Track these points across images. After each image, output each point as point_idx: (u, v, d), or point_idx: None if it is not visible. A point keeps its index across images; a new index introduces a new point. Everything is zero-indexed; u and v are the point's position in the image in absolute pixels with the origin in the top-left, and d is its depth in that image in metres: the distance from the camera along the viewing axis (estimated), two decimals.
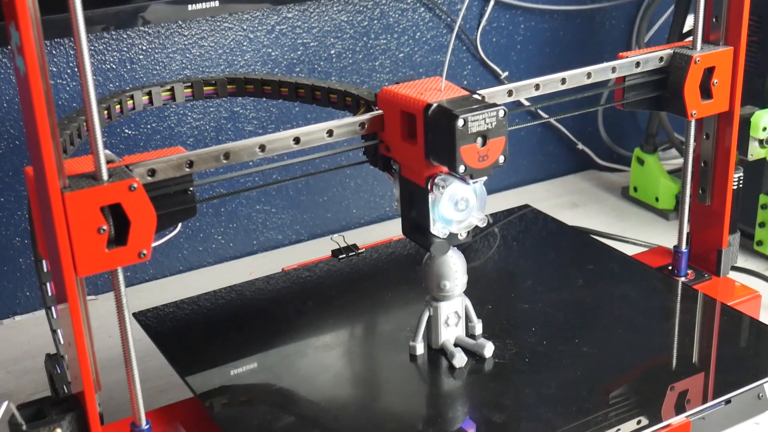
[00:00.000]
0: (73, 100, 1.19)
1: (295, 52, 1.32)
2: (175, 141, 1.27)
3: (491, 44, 1.47)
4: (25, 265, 1.23)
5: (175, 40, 1.23)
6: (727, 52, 1.02)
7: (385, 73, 1.40)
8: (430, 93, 0.83)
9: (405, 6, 1.38)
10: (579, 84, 0.96)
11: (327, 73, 1.35)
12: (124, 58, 1.21)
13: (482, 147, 0.80)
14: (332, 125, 0.85)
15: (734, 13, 1.02)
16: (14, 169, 1.19)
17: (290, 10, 1.29)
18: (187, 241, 1.33)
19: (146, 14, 1.12)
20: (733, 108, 1.05)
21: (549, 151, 1.61)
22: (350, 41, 1.35)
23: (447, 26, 1.42)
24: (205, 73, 1.26)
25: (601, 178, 1.62)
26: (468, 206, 0.84)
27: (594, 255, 1.16)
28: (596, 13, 1.55)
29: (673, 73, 1.01)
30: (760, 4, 1.21)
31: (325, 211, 1.42)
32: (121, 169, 0.74)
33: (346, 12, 1.34)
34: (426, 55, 1.42)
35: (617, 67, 0.98)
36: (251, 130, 1.32)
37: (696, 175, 1.11)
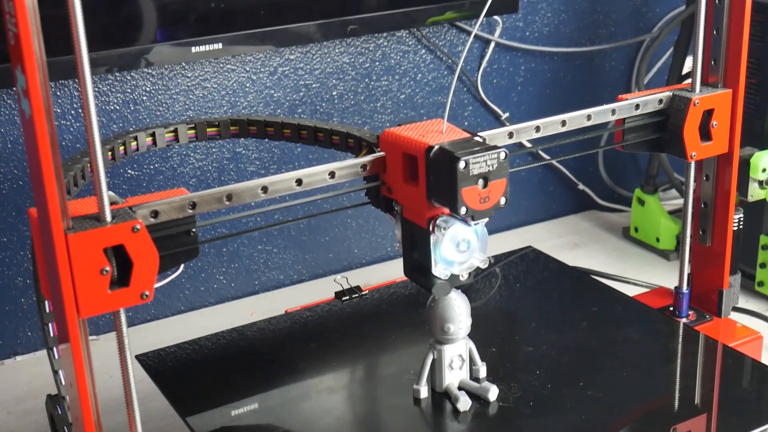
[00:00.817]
0: (77, 140, 1.20)
1: (297, 93, 1.33)
2: (177, 181, 1.28)
3: (492, 86, 1.48)
4: (26, 304, 1.23)
5: (179, 81, 1.24)
6: (725, 94, 1.03)
7: (386, 114, 1.41)
8: (431, 135, 0.84)
9: (406, 48, 1.39)
10: (579, 126, 0.97)
11: (329, 114, 1.36)
12: (127, 99, 1.22)
13: (483, 189, 0.80)
14: (334, 167, 0.86)
15: (732, 56, 1.03)
16: (17, 209, 1.19)
17: (293, 52, 1.30)
18: (188, 281, 1.33)
19: (150, 56, 1.13)
20: (732, 149, 1.05)
21: (550, 191, 1.62)
22: (352, 83, 1.37)
23: (448, 68, 1.43)
24: (208, 114, 1.27)
25: (602, 219, 1.62)
26: (470, 247, 0.84)
27: (596, 296, 1.16)
28: (596, 55, 1.57)
29: (672, 115, 1.02)
30: (758, 47, 1.22)
31: (327, 251, 1.43)
32: (125, 210, 0.75)
33: (348, 54, 1.35)
34: (427, 96, 1.43)
35: (617, 110, 0.99)
36: (253, 171, 1.33)
37: (696, 216, 1.11)
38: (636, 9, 1.57)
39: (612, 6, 1.55)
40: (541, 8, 1.49)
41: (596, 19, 1.54)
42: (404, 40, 1.39)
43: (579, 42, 1.54)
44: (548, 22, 1.50)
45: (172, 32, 1.13)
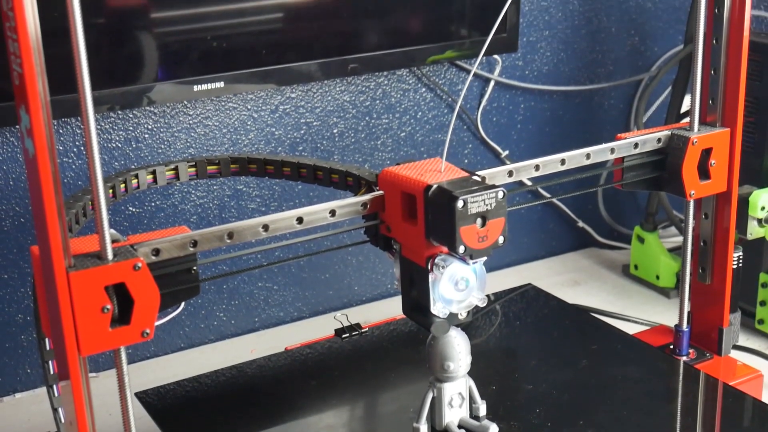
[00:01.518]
0: (79, 178, 1.20)
1: (298, 131, 1.33)
2: (178, 219, 1.28)
3: (492, 124, 1.49)
4: (26, 342, 1.23)
5: (180, 119, 1.25)
6: (723, 133, 1.04)
7: (387, 151, 1.42)
8: (430, 174, 0.84)
9: (407, 86, 1.40)
10: (578, 165, 0.98)
11: (330, 152, 1.37)
12: (129, 137, 1.22)
13: (482, 228, 0.80)
14: (335, 205, 0.86)
15: (730, 96, 1.04)
16: (18, 247, 1.19)
17: (294, 91, 1.31)
18: (188, 318, 1.33)
19: (152, 94, 1.14)
20: (731, 188, 1.06)
21: (550, 228, 1.62)
22: (353, 120, 1.37)
23: (448, 106, 1.44)
24: (209, 152, 1.28)
25: (601, 256, 1.62)
26: (468, 286, 0.84)
27: (596, 334, 1.16)
28: (595, 94, 1.58)
29: (671, 154, 1.03)
30: (756, 86, 1.23)
31: (327, 289, 1.43)
32: (126, 248, 0.75)
33: (348, 92, 1.36)
34: (427, 134, 1.44)
35: (616, 148, 1.00)
36: (254, 208, 1.33)
37: (696, 254, 1.12)
38: (634, 48, 1.59)
39: (610, 45, 1.56)
40: (540, 47, 1.50)
41: (595, 58, 1.56)
42: (405, 79, 1.40)
43: (578, 81, 1.55)
44: (547, 61, 1.51)
45: (174, 71, 1.14)
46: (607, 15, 1.55)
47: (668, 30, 1.61)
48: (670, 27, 1.61)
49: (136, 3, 1.11)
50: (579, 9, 1.52)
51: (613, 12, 1.55)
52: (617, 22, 1.56)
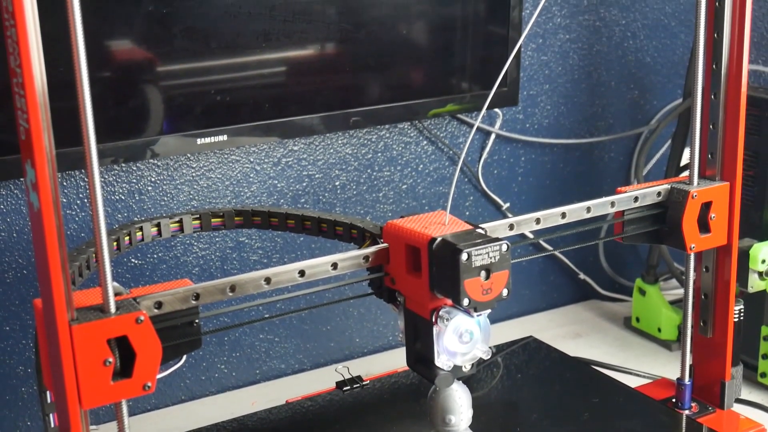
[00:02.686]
0: (82, 230, 1.21)
1: (300, 183, 1.34)
2: (180, 271, 1.28)
3: (492, 176, 1.50)
4: (27, 394, 1.23)
5: (184, 171, 1.26)
6: (723, 187, 1.04)
7: (388, 204, 1.42)
8: (434, 227, 0.85)
9: (408, 139, 1.41)
10: (579, 218, 0.98)
11: (331, 204, 1.37)
12: (133, 189, 1.23)
13: (486, 280, 0.81)
14: (337, 258, 0.86)
15: (729, 150, 1.05)
16: (21, 298, 1.20)
17: (296, 143, 1.32)
18: (189, 370, 1.33)
19: (156, 147, 1.15)
20: (731, 241, 1.06)
21: (551, 280, 1.62)
22: (354, 173, 1.38)
23: (449, 159, 1.45)
24: (211, 204, 1.29)
25: (603, 308, 1.62)
26: (472, 339, 0.85)
27: (598, 387, 1.15)
28: (595, 147, 1.59)
29: (671, 208, 1.03)
30: (755, 140, 1.24)
31: (328, 341, 1.43)
32: (129, 301, 0.76)
33: (350, 145, 1.37)
34: (429, 186, 1.45)
35: (616, 202, 1.00)
36: (256, 260, 1.34)
37: (697, 307, 1.12)
38: (634, 102, 1.60)
39: (610, 99, 1.58)
40: (540, 101, 1.51)
41: (595, 112, 1.57)
42: (406, 132, 1.41)
43: (578, 134, 1.56)
44: (548, 114, 1.53)
45: (178, 124, 1.15)
46: (607, 69, 1.56)
47: (667, 84, 1.62)
48: (669, 81, 1.62)
49: (140, 57, 1.13)
50: (579, 63, 1.53)
51: (612, 66, 1.57)
52: (617, 76, 1.58)
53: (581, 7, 1.51)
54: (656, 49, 1.60)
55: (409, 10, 1.29)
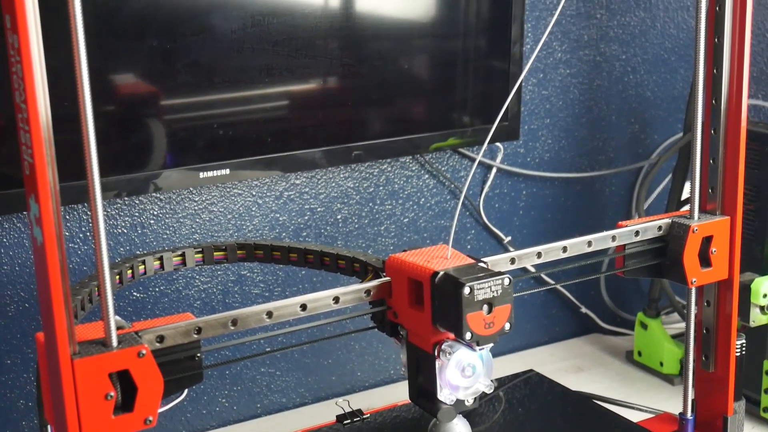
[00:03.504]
0: (84, 263, 1.21)
1: (302, 217, 1.35)
2: (182, 304, 1.28)
3: (494, 210, 1.51)
4: (28, 428, 1.23)
5: (186, 205, 1.26)
6: (724, 221, 1.04)
7: (390, 237, 1.43)
8: (436, 261, 0.85)
9: (410, 173, 1.42)
10: (580, 252, 0.98)
11: (333, 238, 1.38)
12: (135, 222, 1.24)
13: (488, 314, 0.81)
14: (339, 292, 0.87)
15: (729, 184, 1.05)
16: (22, 332, 1.20)
17: (298, 177, 1.33)
18: (190, 404, 1.33)
19: (158, 181, 1.15)
20: (732, 275, 1.06)
21: (552, 314, 1.62)
22: (356, 207, 1.39)
23: (451, 192, 1.46)
24: (214, 238, 1.29)
25: (605, 342, 1.62)
26: (475, 373, 0.85)
27: (600, 422, 1.15)
28: (596, 180, 1.59)
29: (672, 242, 1.03)
30: (755, 174, 1.25)
31: (329, 374, 1.42)
32: (131, 335, 0.76)
33: (352, 179, 1.37)
34: (430, 220, 1.45)
35: (617, 236, 1.01)
36: (258, 293, 1.34)
37: (698, 341, 1.11)
38: (634, 136, 1.61)
39: (611, 133, 1.59)
40: (541, 135, 1.52)
41: (596, 146, 1.58)
42: (408, 166, 1.41)
43: (579, 168, 1.57)
44: (549, 148, 1.53)
45: (181, 158, 1.16)
46: (608, 103, 1.57)
47: (668, 118, 1.63)
48: (670, 115, 1.63)
49: (144, 91, 1.14)
50: (579, 98, 1.54)
51: (613, 101, 1.58)
52: (617, 111, 1.58)
53: (581, 43, 1.52)
54: (656, 83, 1.61)
55: (411, 44, 1.30)
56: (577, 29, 1.51)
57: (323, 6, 1.21)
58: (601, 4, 1.52)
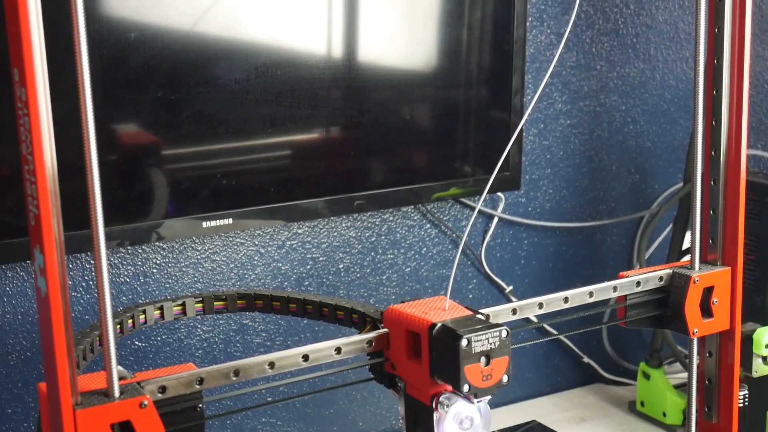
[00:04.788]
0: (86, 312, 1.21)
1: (304, 266, 1.35)
2: (184, 353, 1.28)
3: (495, 259, 1.51)
4: None
5: (188, 254, 1.27)
6: (724, 272, 1.05)
7: (392, 287, 1.43)
8: (434, 312, 0.85)
9: (412, 222, 1.43)
10: (582, 302, 0.99)
11: (335, 287, 1.38)
12: (138, 271, 1.24)
13: (486, 366, 0.81)
14: (340, 343, 0.87)
15: (729, 235, 1.06)
16: (24, 381, 1.20)
17: (301, 227, 1.33)
18: None
19: (161, 230, 1.16)
20: (734, 326, 1.06)
21: (554, 364, 1.62)
22: (358, 256, 1.39)
23: (452, 242, 1.46)
24: (216, 287, 1.29)
25: (607, 392, 1.61)
26: (473, 425, 0.84)
27: None
28: (597, 230, 1.60)
29: (673, 293, 1.04)
30: (755, 224, 1.25)
31: (331, 424, 1.42)
32: (133, 386, 0.76)
33: (354, 228, 1.38)
34: (432, 269, 1.45)
35: (618, 287, 1.01)
36: (259, 342, 1.34)
37: (701, 392, 1.11)
38: (635, 185, 1.62)
39: (612, 183, 1.59)
40: (542, 185, 1.53)
41: (596, 196, 1.58)
42: (410, 215, 1.42)
43: (580, 217, 1.58)
44: (550, 198, 1.54)
45: (184, 208, 1.17)
46: (608, 153, 1.58)
47: (668, 168, 1.64)
48: (670, 165, 1.64)
49: (148, 141, 1.15)
50: (580, 148, 1.55)
51: (613, 151, 1.59)
52: (618, 161, 1.59)
53: (582, 94, 1.54)
54: (656, 134, 1.62)
55: (413, 95, 1.32)
56: (578, 80, 1.53)
57: (326, 57, 1.22)
58: (600, 56, 1.54)
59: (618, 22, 1.55)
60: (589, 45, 1.53)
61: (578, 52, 1.52)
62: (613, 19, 1.54)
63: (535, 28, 1.46)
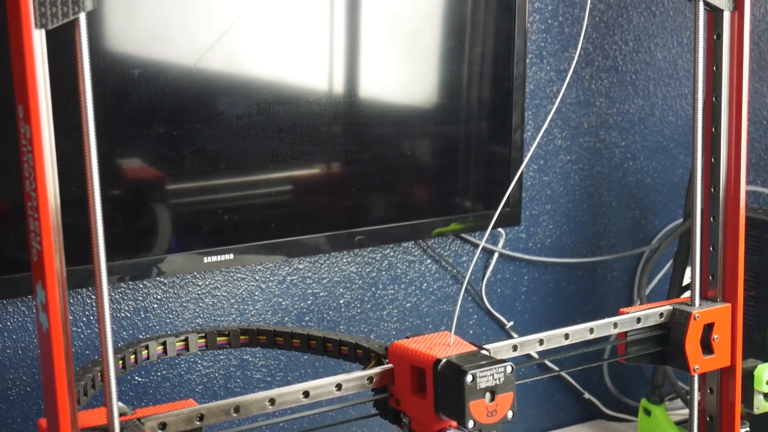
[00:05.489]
0: (87, 347, 1.21)
1: (305, 301, 1.35)
2: (184, 389, 1.28)
3: (496, 295, 1.51)
4: None
5: (189, 290, 1.27)
6: (725, 308, 1.05)
7: (392, 322, 1.43)
8: (439, 348, 0.85)
9: (412, 258, 1.43)
10: (582, 339, 0.99)
11: (335, 322, 1.38)
12: (138, 307, 1.24)
13: (491, 402, 0.81)
14: (341, 379, 0.87)
15: (729, 271, 1.06)
16: (23, 416, 1.19)
17: (301, 262, 1.34)
18: None
19: (163, 266, 1.16)
20: (734, 363, 1.06)
21: (555, 400, 1.61)
22: (359, 291, 1.39)
23: (453, 277, 1.46)
24: (216, 322, 1.29)
25: (608, 429, 1.61)
26: None
27: None
28: (598, 266, 1.60)
29: (673, 329, 1.04)
30: (755, 260, 1.25)
31: None
32: (133, 422, 0.76)
33: (355, 263, 1.38)
34: (432, 305, 1.45)
35: (619, 323, 1.01)
36: (260, 378, 1.34)
37: (702, 429, 1.11)
38: (635, 221, 1.62)
39: (612, 218, 1.60)
40: (543, 220, 1.53)
41: (597, 231, 1.59)
42: (410, 251, 1.42)
43: (581, 253, 1.58)
44: (550, 233, 1.54)
45: (186, 243, 1.17)
46: (608, 189, 1.59)
47: (668, 204, 1.65)
48: (670, 201, 1.65)
49: (150, 176, 1.15)
50: (580, 183, 1.56)
51: (613, 186, 1.59)
52: (618, 196, 1.60)
53: (581, 130, 1.54)
54: (656, 170, 1.63)
55: (414, 131, 1.33)
56: (577, 117, 1.54)
57: (327, 93, 1.23)
58: (600, 93, 1.55)
59: (617, 59, 1.56)
60: (589, 81, 1.54)
61: (578, 89, 1.53)
62: (612, 56, 1.55)
63: (535, 65, 1.47)
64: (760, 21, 1.68)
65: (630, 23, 1.56)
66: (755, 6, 1.67)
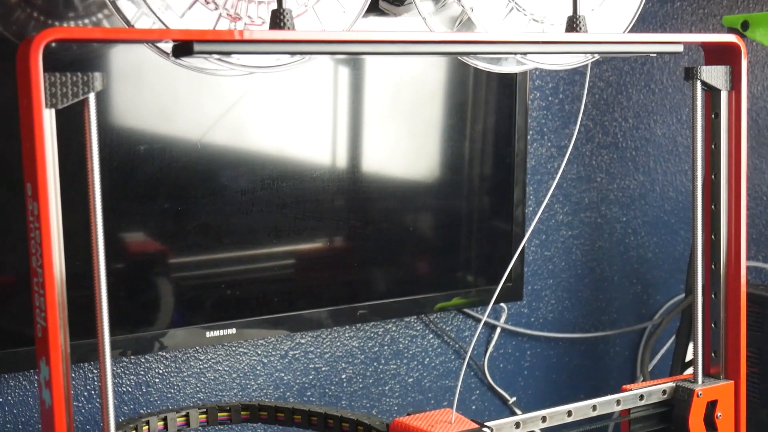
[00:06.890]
0: (88, 422, 1.20)
1: (307, 376, 1.35)
2: None
3: (498, 370, 1.50)
4: None
5: (191, 364, 1.27)
6: (728, 385, 1.04)
7: (394, 397, 1.42)
8: (440, 426, 0.85)
9: (414, 333, 1.43)
10: (585, 416, 0.98)
11: (337, 397, 1.37)
12: (140, 381, 1.24)
13: None
14: None
15: (732, 348, 1.06)
16: None
17: (304, 336, 1.34)
18: None
19: (165, 340, 1.16)
20: None
21: None
22: (361, 366, 1.39)
23: (455, 352, 1.46)
24: (218, 397, 1.29)
25: None
26: None
27: None
28: (600, 341, 1.60)
29: (677, 407, 1.03)
30: (758, 336, 1.25)
31: None
32: None
33: (357, 338, 1.38)
34: (435, 380, 1.45)
35: (621, 400, 1.00)
36: None
37: None
38: (637, 296, 1.62)
39: (614, 293, 1.60)
40: (545, 295, 1.53)
41: (599, 306, 1.59)
42: (412, 325, 1.42)
43: (583, 328, 1.58)
44: (552, 308, 1.54)
45: (188, 317, 1.17)
46: (610, 264, 1.59)
47: (669, 279, 1.65)
48: (672, 276, 1.65)
49: (154, 250, 1.16)
50: (582, 258, 1.56)
51: (615, 261, 1.60)
52: (619, 272, 1.60)
53: (582, 205, 1.55)
54: (657, 245, 1.64)
55: (416, 206, 1.34)
56: (578, 192, 1.55)
57: (331, 169, 1.25)
58: (600, 168, 1.57)
59: (617, 136, 1.58)
60: (589, 157, 1.55)
61: (579, 165, 1.54)
62: (612, 132, 1.57)
63: (536, 141, 1.49)
64: (758, 98, 1.70)
65: (629, 100, 1.58)
66: (753, 84, 1.69)
